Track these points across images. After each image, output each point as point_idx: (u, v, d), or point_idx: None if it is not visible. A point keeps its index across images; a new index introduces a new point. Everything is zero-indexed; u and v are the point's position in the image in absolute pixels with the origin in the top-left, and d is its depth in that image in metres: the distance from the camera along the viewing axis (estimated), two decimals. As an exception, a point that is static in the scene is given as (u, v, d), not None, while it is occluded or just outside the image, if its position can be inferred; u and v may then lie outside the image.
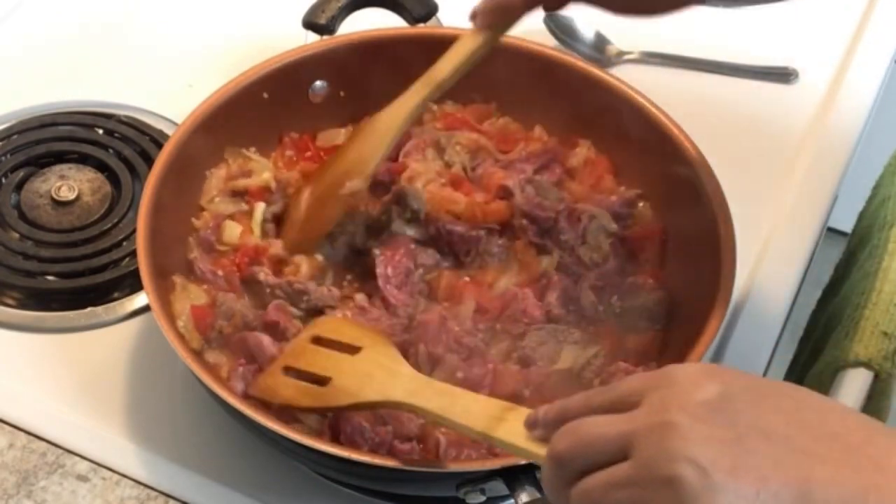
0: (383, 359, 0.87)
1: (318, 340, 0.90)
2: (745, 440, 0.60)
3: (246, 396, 0.90)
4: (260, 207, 1.02)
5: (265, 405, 0.89)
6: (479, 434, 0.76)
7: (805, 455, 0.60)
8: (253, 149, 1.07)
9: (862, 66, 1.28)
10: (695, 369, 0.65)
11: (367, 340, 0.89)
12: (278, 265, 0.99)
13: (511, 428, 0.73)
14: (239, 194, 1.03)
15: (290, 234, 1.01)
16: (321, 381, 0.87)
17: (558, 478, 0.66)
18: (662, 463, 0.61)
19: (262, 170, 1.05)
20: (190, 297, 0.95)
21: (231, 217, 1.02)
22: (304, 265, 0.98)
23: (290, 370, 0.89)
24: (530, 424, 0.71)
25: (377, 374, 0.85)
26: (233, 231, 1.00)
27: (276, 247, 0.99)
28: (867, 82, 1.27)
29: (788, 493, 0.59)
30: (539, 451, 0.70)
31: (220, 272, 0.97)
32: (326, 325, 0.93)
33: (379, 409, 0.88)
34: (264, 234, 1.01)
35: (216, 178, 1.04)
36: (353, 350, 0.88)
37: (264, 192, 1.03)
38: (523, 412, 0.73)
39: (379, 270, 0.97)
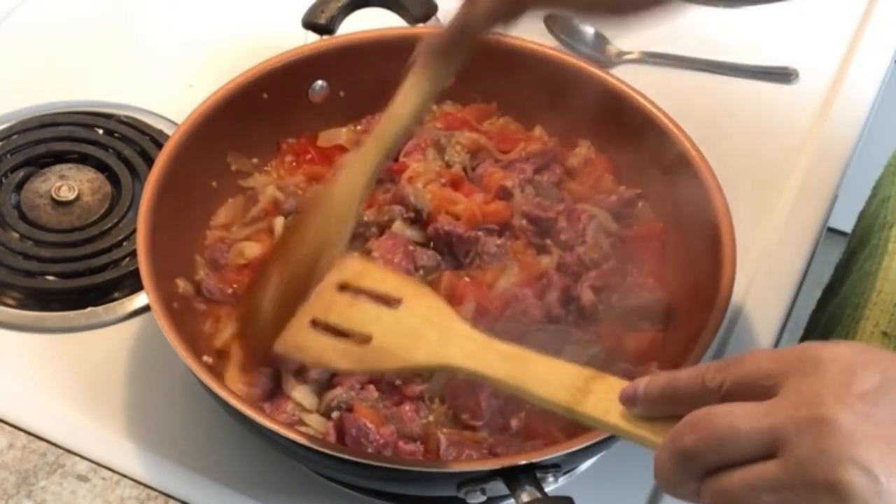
0: (432, 313, 0.74)
1: (345, 288, 0.78)
2: None
3: (263, 400, 0.90)
4: (279, 221, 1.02)
5: (262, 413, 0.84)
6: (561, 408, 0.66)
7: None
8: (255, 159, 1.07)
9: (862, 66, 1.28)
10: (846, 351, 0.58)
11: (408, 290, 0.76)
12: None
13: (601, 402, 0.64)
14: (254, 220, 1.03)
15: (257, 342, 0.86)
16: (357, 337, 0.75)
17: (682, 473, 0.60)
18: (823, 466, 0.55)
19: (265, 186, 1.05)
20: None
21: (247, 238, 1.02)
22: None
23: (318, 324, 0.77)
24: (628, 400, 0.64)
25: (427, 331, 0.73)
26: (252, 250, 1.00)
27: None
28: (867, 82, 1.27)
29: None
30: (642, 432, 0.62)
31: (229, 290, 0.98)
32: (353, 269, 0.80)
33: (432, 374, 0.78)
34: None
35: (227, 209, 1.04)
36: (392, 301, 0.76)
37: (276, 207, 1.03)
38: (612, 382, 0.65)
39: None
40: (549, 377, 0.67)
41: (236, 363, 0.94)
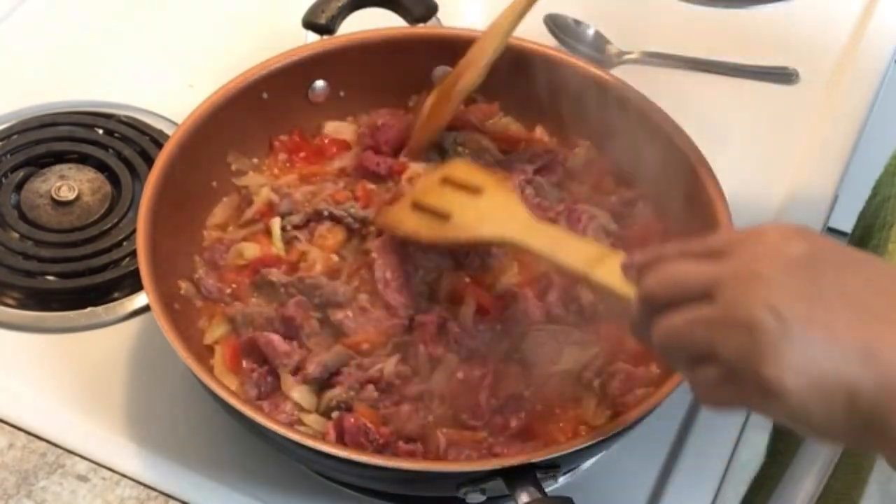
0: (503, 200, 0.93)
1: (446, 181, 0.97)
2: (824, 297, 0.64)
3: (258, 400, 0.90)
4: (276, 223, 1.01)
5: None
6: (580, 273, 0.82)
7: (877, 319, 0.63)
8: (255, 160, 1.07)
9: (862, 66, 1.28)
10: (788, 228, 0.68)
11: (491, 183, 0.95)
12: (293, 269, 0.98)
13: (609, 269, 0.79)
14: (249, 222, 1.03)
15: (414, 141, 1.07)
16: (444, 216, 0.93)
17: (644, 313, 0.71)
18: (744, 307, 0.64)
19: (259, 187, 1.04)
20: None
21: (245, 239, 1.01)
22: (318, 263, 0.98)
23: (417, 206, 0.96)
24: (626, 267, 0.76)
25: (495, 213, 0.92)
26: (251, 251, 1.00)
27: (299, 252, 0.99)
28: (867, 82, 1.27)
29: (855, 350, 0.62)
30: (631, 291, 0.74)
31: (227, 290, 0.97)
32: (456, 168, 0.99)
33: (492, 246, 0.96)
34: (289, 245, 1.00)
35: (222, 208, 1.04)
36: (476, 191, 0.94)
37: (271, 209, 1.03)
38: (621, 256, 0.78)
39: (378, 275, 0.97)
40: (576, 250, 0.84)
41: (222, 361, 0.94)
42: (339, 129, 1.10)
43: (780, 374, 0.62)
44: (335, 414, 0.90)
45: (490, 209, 0.93)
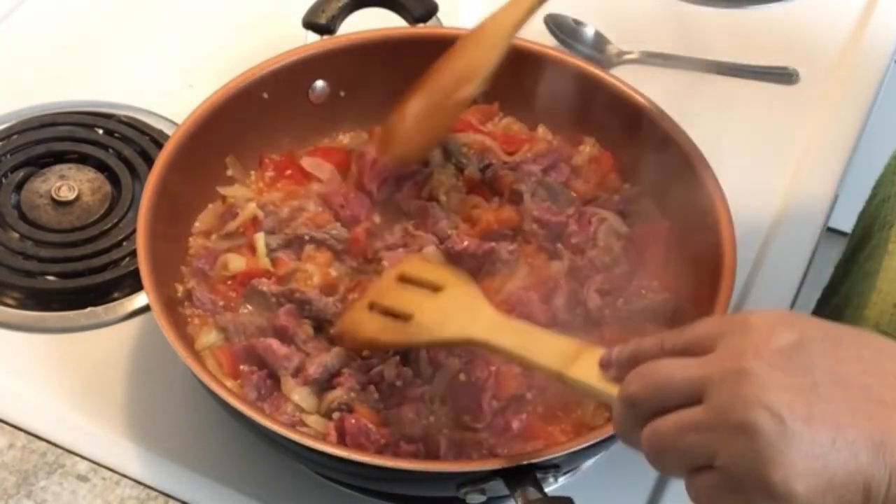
0: (465, 297, 0.88)
1: (403, 279, 0.92)
2: (821, 388, 0.60)
3: (258, 402, 0.90)
4: (261, 238, 1.00)
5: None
6: (553, 373, 0.76)
7: (882, 405, 0.60)
8: (253, 175, 1.06)
9: (862, 66, 1.28)
10: (771, 315, 0.64)
11: (451, 280, 0.90)
12: (282, 281, 0.98)
13: (585, 367, 0.74)
14: (232, 235, 1.02)
15: (397, 147, 1.01)
16: (403, 317, 0.88)
17: (629, 418, 0.67)
18: (737, 409, 0.60)
19: (246, 202, 1.03)
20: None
21: (229, 250, 1.00)
22: (315, 276, 0.98)
23: (374, 307, 0.91)
24: (604, 364, 0.72)
25: (458, 312, 0.86)
26: (237, 263, 0.99)
27: (287, 267, 0.98)
28: (867, 82, 1.27)
29: (864, 442, 0.59)
30: (612, 391, 0.70)
31: (220, 302, 0.97)
32: (412, 264, 0.95)
33: (455, 348, 0.90)
34: (274, 263, 0.99)
35: (207, 215, 1.03)
36: (436, 288, 0.89)
37: (255, 223, 1.01)
38: (598, 352, 0.74)
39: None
40: (547, 348, 0.78)
41: (217, 368, 0.93)
42: (320, 165, 1.08)
43: (788, 479, 0.59)
44: (336, 415, 0.89)
45: (452, 308, 0.87)
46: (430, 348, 0.92)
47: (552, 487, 0.87)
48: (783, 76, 1.27)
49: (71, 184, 1.11)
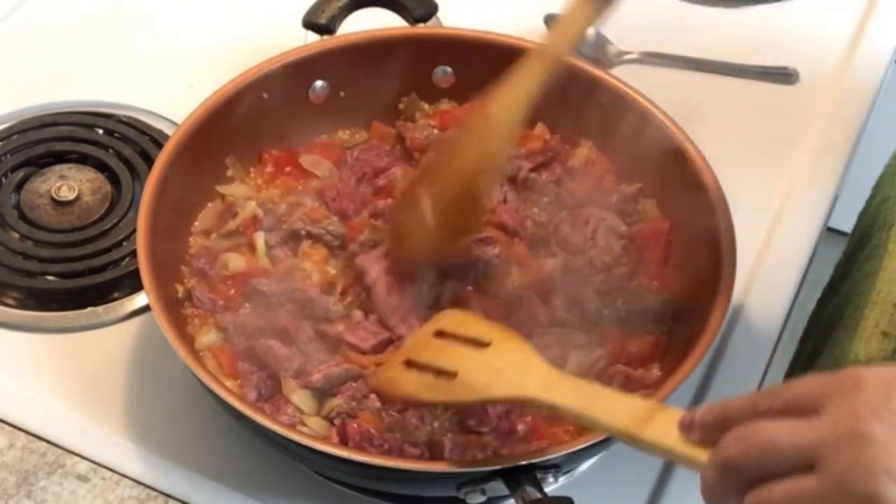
0: (515, 353, 0.82)
1: (441, 334, 0.86)
2: None
3: (258, 402, 0.90)
4: (261, 237, 1.00)
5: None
6: (625, 434, 0.72)
7: None
8: (252, 172, 1.06)
9: (862, 66, 1.28)
10: (886, 373, 0.60)
11: (497, 335, 0.84)
12: (281, 280, 0.97)
13: (662, 429, 0.69)
14: (231, 234, 1.02)
15: (420, 247, 0.96)
16: (446, 374, 0.83)
17: (724, 485, 0.63)
18: (859, 478, 0.56)
19: (245, 200, 1.03)
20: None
21: (229, 249, 1.00)
22: (315, 275, 0.98)
23: (412, 364, 0.85)
24: (686, 427, 0.67)
25: (508, 368, 0.81)
26: (237, 262, 0.99)
27: (284, 264, 0.98)
28: (867, 82, 1.27)
29: None
30: (697, 455, 0.66)
31: (220, 301, 0.97)
32: (450, 319, 0.88)
33: (512, 405, 0.86)
34: (273, 260, 0.99)
35: (206, 214, 1.03)
36: (481, 345, 0.84)
37: (254, 222, 1.01)
38: (673, 413, 0.70)
39: (380, 304, 0.95)
40: (616, 407, 0.74)
41: (217, 368, 0.93)
42: (319, 162, 1.08)
43: None
44: (338, 420, 0.89)
45: (503, 364, 0.81)
46: None
47: (552, 487, 0.87)
48: (783, 76, 1.27)
49: (71, 184, 1.11)
